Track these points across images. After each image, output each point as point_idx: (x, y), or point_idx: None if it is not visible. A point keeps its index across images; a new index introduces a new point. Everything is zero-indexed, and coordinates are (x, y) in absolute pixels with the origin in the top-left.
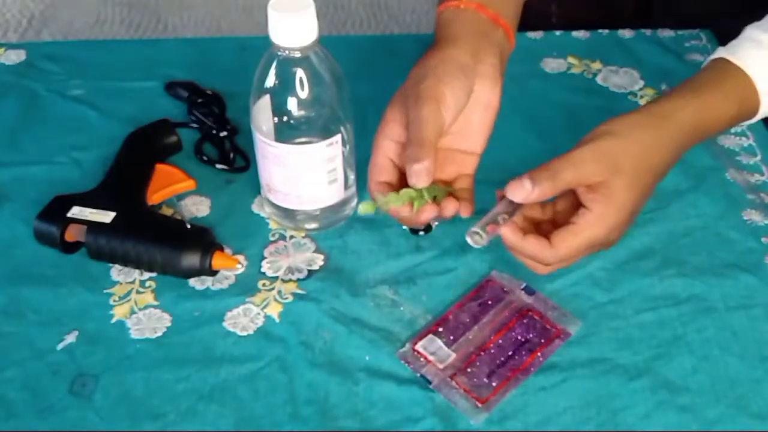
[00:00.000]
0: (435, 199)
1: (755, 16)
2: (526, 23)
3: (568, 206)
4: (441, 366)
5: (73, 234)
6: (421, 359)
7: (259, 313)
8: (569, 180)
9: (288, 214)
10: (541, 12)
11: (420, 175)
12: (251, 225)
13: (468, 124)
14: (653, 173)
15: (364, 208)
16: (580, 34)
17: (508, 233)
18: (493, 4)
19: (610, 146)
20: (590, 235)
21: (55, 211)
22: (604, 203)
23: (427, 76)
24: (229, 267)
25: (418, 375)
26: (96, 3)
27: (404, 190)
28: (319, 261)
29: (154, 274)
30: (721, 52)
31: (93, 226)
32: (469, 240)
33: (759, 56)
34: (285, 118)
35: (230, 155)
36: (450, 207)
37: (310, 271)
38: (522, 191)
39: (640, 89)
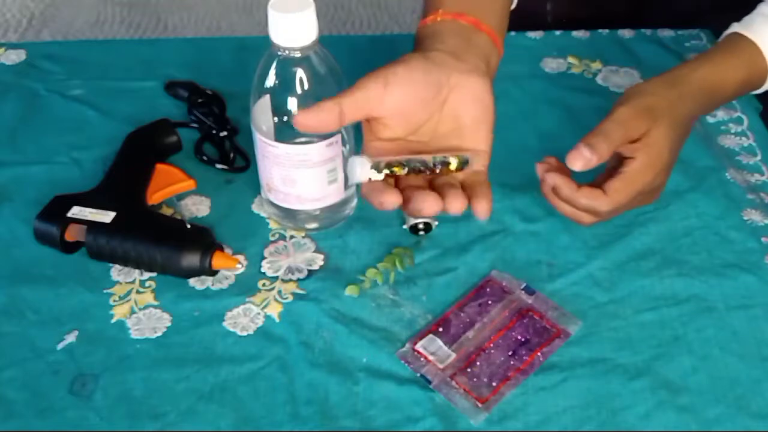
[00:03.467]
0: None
1: (749, 12)
2: (523, 23)
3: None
4: (441, 366)
5: (73, 234)
6: (421, 359)
7: (259, 313)
8: (620, 139)
9: (288, 214)
10: (536, 11)
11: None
12: (251, 225)
13: (459, 121)
14: (682, 123)
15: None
16: (580, 34)
17: (563, 184)
18: (473, 12)
19: (644, 102)
20: (642, 181)
21: (55, 211)
22: (646, 151)
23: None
24: (229, 267)
25: (418, 375)
26: (96, 3)
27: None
28: (319, 261)
29: (154, 274)
30: (735, 27)
31: (93, 226)
32: (356, 167)
33: None
34: (285, 118)
35: (230, 155)
36: (456, 203)
37: (310, 271)
38: (581, 159)
39: None
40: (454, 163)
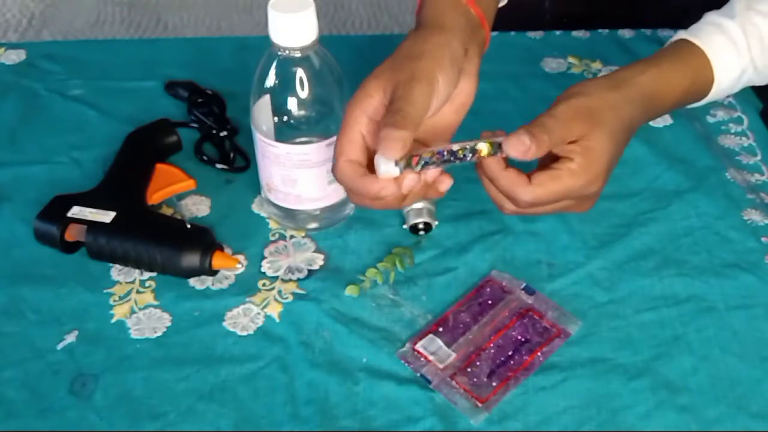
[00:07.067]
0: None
1: None
2: (523, 22)
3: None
4: (441, 366)
5: (73, 234)
6: (421, 359)
7: (259, 313)
8: (558, 137)
9: (288, 214)
10: (534, 9)
11: (395, 144)
12: (251, 225)
13: (440, 119)
14: (623, 129)
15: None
16: (580, 34)
17: (491, 160)
18: (479, 3)
19: (584, 103)
20: (570, 183)
21: (55, 211)
22: (583, 154)
23: (423, 56)
24: (229, 267)
25: (418, 375)
26: (96, 3)
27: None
28: (319, 261)
29: (154, 274)
30: (682, 34)
31: (93, 226)
32: (382, 165)
33: (719, 40)
34: (285, 118)
35: (230, 155)
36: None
37: (310, 271)
38: (521, 146)
39: None
40: (485, 150)
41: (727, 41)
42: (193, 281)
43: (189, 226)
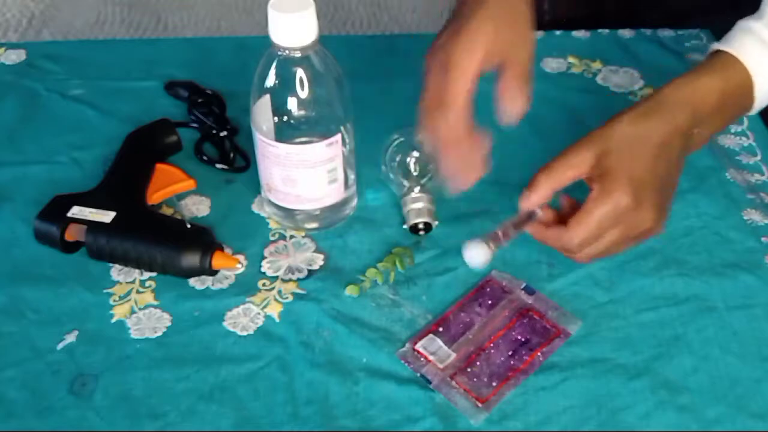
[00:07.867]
0: None
1: (742, 12)
2: None
3: None
4: (441, 366)
5: (73, 234)
6: (421, 359)
7: (259, 313)
8: (564, 171)
9: (288, 213)
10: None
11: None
12: (251, 225)
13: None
14: (653, 142)
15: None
16: (580, 34)
17: (533, 230)
18: None
19: (600, 132)
20: (597, 210)
21: (55, 210)
22: (599, 180)
23: (518, 18)
24: (229, 267)
25: (418, 375)
26: (96, 3)
27: None
28: (319, 261)
29: (154, 274)
30: (714, 46)
31: (93, 226)
32: (473, 253)
33: (748, 42)
34: (285, 118)
35: (230, 155)
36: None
37: (310, 271)
38: (522, 197)
39: (640, 89)
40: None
41: (756, 41)
42: (193, 281)
43: (189, 226)
